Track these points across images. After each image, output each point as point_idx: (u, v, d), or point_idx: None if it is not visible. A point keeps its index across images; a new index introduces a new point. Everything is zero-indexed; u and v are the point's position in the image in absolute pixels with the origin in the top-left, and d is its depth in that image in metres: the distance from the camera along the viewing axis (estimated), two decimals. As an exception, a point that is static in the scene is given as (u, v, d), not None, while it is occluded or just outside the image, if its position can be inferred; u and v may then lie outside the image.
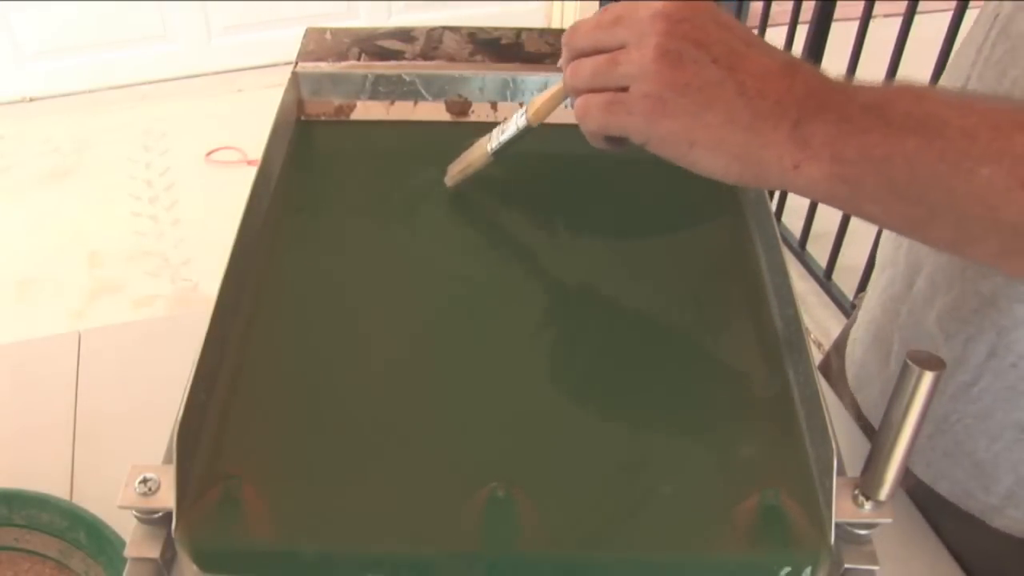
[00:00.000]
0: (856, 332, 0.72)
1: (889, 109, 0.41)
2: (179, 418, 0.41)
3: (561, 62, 0.49)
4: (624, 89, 0.44)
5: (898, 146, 0.40)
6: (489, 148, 0.57)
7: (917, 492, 0.64)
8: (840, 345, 0.78)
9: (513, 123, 0.56)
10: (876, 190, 0.41)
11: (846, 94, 0.42)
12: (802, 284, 1.89)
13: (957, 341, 0.56)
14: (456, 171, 0.59)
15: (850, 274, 1.74)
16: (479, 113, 0.67)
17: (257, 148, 0.59)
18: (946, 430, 0.59)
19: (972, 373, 0.56)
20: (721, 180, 0.45)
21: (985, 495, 0.59)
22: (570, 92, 0.49)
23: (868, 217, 0.43)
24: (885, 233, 0.69)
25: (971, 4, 1.40)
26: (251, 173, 0.56)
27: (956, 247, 0.43)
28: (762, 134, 0.42)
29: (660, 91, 0.43)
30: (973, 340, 0.55)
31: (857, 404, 0.71)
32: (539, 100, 0.54)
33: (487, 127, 0.58)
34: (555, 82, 0.53)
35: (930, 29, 1.49)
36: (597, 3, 2.64)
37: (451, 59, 0.67)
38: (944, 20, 1.40)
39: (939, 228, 0.42)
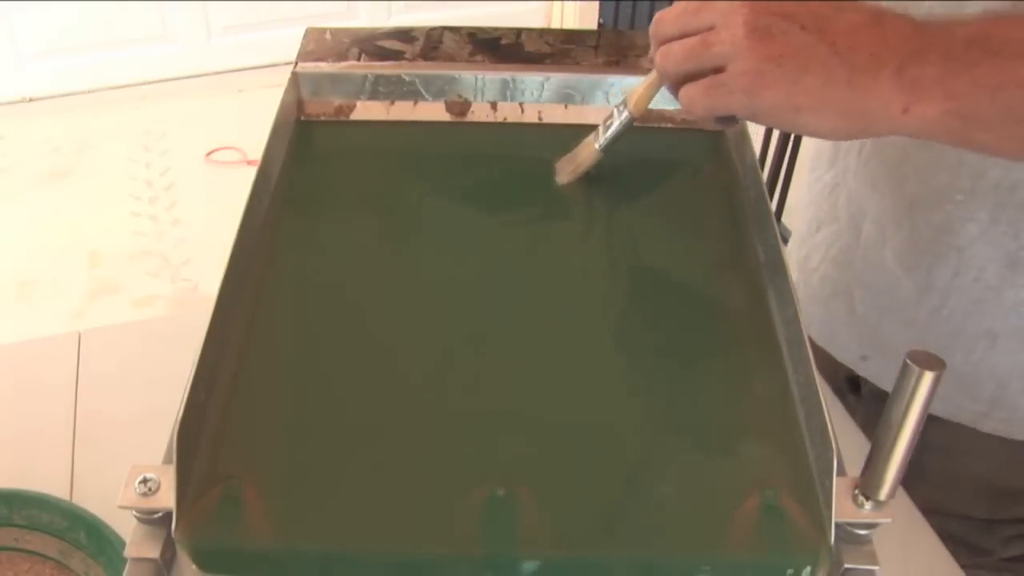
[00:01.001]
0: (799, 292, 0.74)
1: (991, 40, 0.42)
2: (179, 418, 0.41)
3: (651, 52, 0.51)
4: (720, 70, 0.46)
5: (1009, 73, 0.41)
6: (597, 145, 0.59)
7: None
8: None
9: (616, 117, 0.57)
10: (991, 119, 0.42)
11: (944, 32, 0.43)
12: (802, 284, 1.88)
13: (920, 271, 0.60)
14: (568, 170, 0.60)
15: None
16: (479, 113, 0.67)
17: (257, 148, 0.59)
18: None
19: (940, 296, 0.60)
20: (832, 139, 0.48)
21: (972, 403, 0.63)
22: (664, 77, 0.50)
23: (979, 147, 0.45)
24: (816, 193, 0.72)
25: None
26: (251, 173, 0.56)
27: None
28: (862, 86, 0.43)
29: (757, 65, 0.44)
30: (935, 267, 0.59)
31: (828, 361, 0.73)
32: (637, 91, 0.56)
33: (487, 127, 0.57)
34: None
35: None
36: (597, 3, 2.64)
37: (451, 59, 0.67)
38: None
39: None
